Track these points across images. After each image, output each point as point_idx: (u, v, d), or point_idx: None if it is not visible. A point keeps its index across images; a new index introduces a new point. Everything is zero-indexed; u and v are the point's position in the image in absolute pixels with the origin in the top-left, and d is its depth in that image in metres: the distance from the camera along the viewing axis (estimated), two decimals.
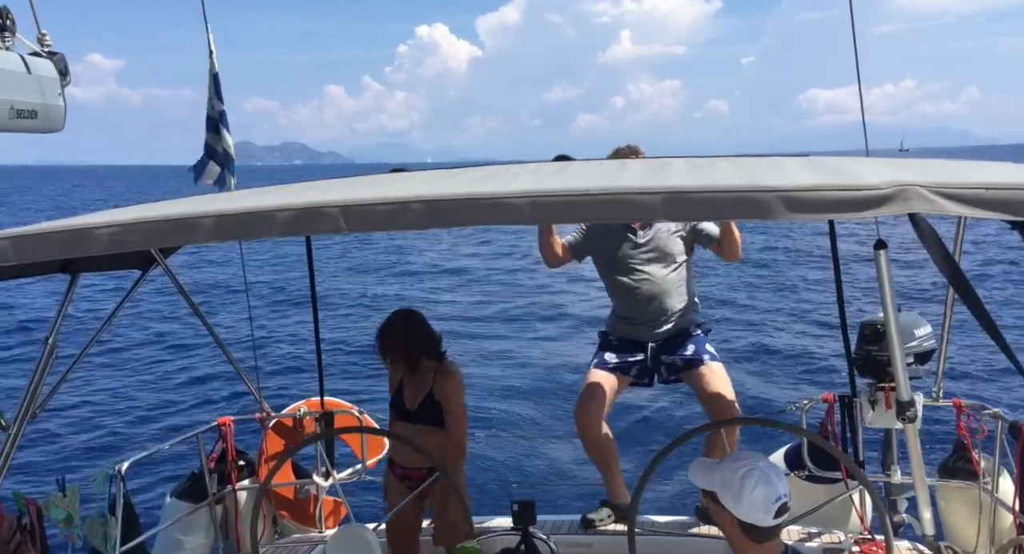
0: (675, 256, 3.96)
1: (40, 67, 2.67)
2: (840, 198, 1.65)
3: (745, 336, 14.18)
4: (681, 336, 4.02)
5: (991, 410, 3.66)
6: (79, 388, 11.28)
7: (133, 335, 15.32)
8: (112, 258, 3.01)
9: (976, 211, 1.64)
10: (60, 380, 3.08)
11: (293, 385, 10.27)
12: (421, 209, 1.82)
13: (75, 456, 8.83)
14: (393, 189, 2.01)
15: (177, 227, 1.92)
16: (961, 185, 1.66)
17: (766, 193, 1.68)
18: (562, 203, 1.79)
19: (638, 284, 3.93)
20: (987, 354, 10.94)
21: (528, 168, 2.63)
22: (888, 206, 1.62)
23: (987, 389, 9.74)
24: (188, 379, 12.20)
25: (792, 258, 25.00)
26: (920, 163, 2.39)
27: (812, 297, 17.59)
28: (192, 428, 4.31)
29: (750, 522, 2.25)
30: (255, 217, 1.88)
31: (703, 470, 2.40)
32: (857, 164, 2.31)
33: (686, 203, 1.74)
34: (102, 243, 1.94)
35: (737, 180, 1.82)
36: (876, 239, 2.58)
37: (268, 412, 4.41)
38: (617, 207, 1.77)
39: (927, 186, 1.63)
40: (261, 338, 13.69)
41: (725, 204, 1.72)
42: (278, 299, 19.59)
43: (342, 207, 1.84)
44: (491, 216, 1.81)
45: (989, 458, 3.68)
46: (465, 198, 1.82)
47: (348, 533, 3.40)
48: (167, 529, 4.04)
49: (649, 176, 2.09)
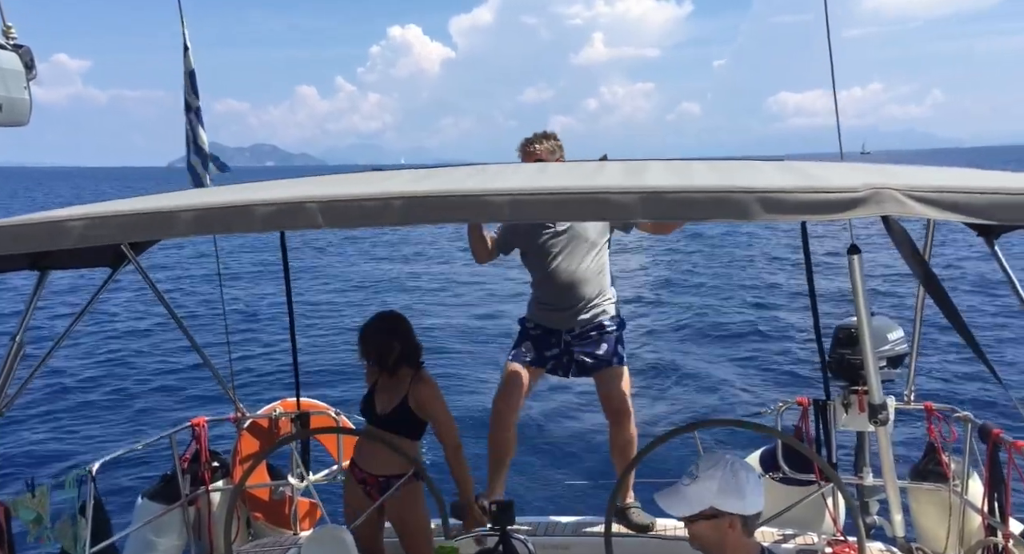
0: (593, 242, 4.04)
1: (5, 60, 2.62)
2: (815, 200, 1.68)
3: (721, 338, 14.31)
4: (596, 330, 4.09)
5: (961, 413, 3.72)
6: (48, 387, 11.12)
7: (105, 333, 15.13)
8: (82, 255, 2.96)
9: (946, 214, 1.67)
10: (28, 378, 3.03)
11: (268, 385, 10.20)
12: (401, 205, 1.81)
13: (44, 456, 8.68)
14: (374, 186, 2.00)
15: (153, 221, 1.90)
16: (932, 188, 1.69)
17: (743, 194, 1.70)
18: (541, 201, 1.80)
19: (556, 271, 4.01)
20: (958, 357, 11.12)
21: (508, 168, 2.63)
22: (862, 208, 1.65)
23: (958, 392, 9.89)
24: (161, 379, 12.04)
25: (772, 263, 25.26)
26: (891, 168, 2.42)
27: (787, 301, 17.76)
28: (165, 428, 4.26)
29: (754, 512, 2.27)
30: (233, 212, 1.86)
31: (680, 496, 2.30)
32: (830, 168, 2.34)
33: (663, 203, 1.75)
34: (75, 236, 1.91)
35: (714, 181, 1.84)
36: (850, 244, 2.62)
37: (243, 412, 4.36)
38: (596, 206, 1.78)
39: (900, 189, 1.66)
40: (238, 337, 13.59)
41: (702, 204, 1.73)
42: (255, 294, 19.49)
43: (321, 203, 1.83)
44: (471, 213, 1.82)
45: (959, 461, 3.74)
46: (446, 195, 1.82)
47: (323, 534, 3.38)
48: (139, 530, 3.99)
49: (628, 176, 2.11)
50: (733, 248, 29.19)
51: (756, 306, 17.41)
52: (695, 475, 2.30)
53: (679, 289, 20.19)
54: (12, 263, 2.60)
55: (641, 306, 17.72)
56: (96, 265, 3.28)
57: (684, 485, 2.31)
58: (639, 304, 17.91)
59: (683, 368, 12.19)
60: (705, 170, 2.24)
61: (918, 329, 3.74)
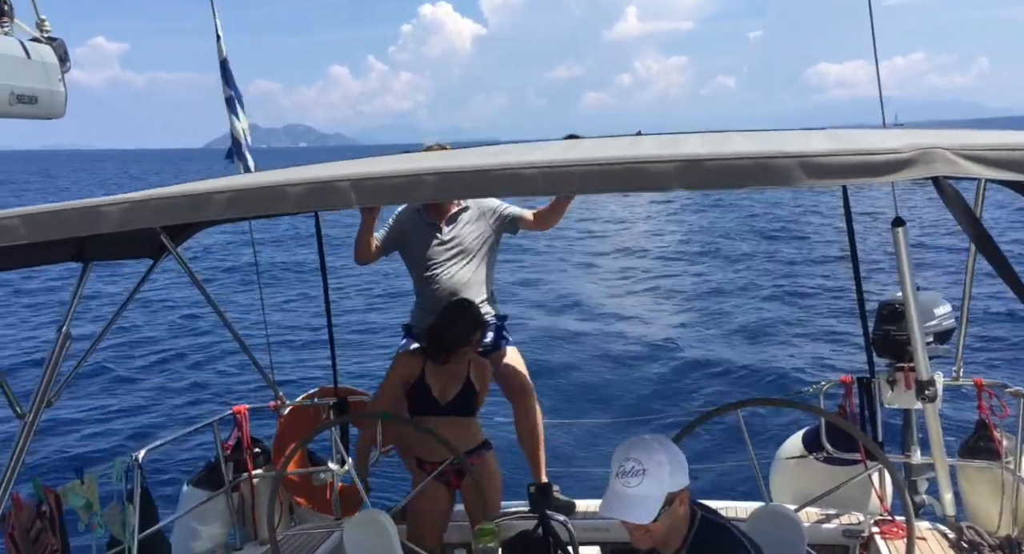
0: (477, 251, 4.09)
1: (40, 53, 2.66)
2: (860, 162, 1.59)
3: (762, 316, 14.13)
4: None
5: (1012, 388, 3.60)
6: (94, 377, 11.37)
7: (147, 323, 15.42)
8: (123, 245, 3.00)
9: (1001, 172, 1.58)
10: (75, 368, 3.08)
11: (307, 371, 10.32)
12: (434, 181, 1.79)
13: (90, 445, 8.89)
14: (406, 164, 1.98)
15: (187, 203, 1.90)
16: (985, 146, 1.61)
17: (784, 159, 1.63)
18: (575, 173, 1.76)
19: (440, 280, 4.02)
20: (1008, 332, 10.83)
21: (540, 145, 2.60)
22: (910, 169, 1.57)
23: (1008, 368, 9.64)
24: (203, 368, 12.28)
25: (812, 236, 24.84)
26: (936, 131, 2.33)
27: (829, 276, 17.46)
28: (207, 417, 4.32)
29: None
30: (266, 192, 1.86)
31: (635, 500, 2.10)
32: (873, 134, 2.26)
33: (701, 171, 1.69)
34: (112, 220, 1.92)
35: (753, 148, 1.79)
36: (895, 217, 2.53)
37: (282, 400, 4.41)
38: (630, 176, 1.73)
39: (950, 148, 1.58)
40: (276, 325, 13.77)
41: (742, 171, 1.67)
42: (290, 280, 19.69)
43: (353, 181, 1.82)
44: (504, 187, 1.79)
45: (1011, 437, 3.63)
46: (478, 169, 1.79)
47: (365, 519, 3.41)
48: (184, 517, 4.06)
49: (663, 147, 2.06)
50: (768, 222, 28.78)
51: (793, 280, 17.14)
52: (641, 469, 2.09)
53: (718, 261, 19.98)
54: (55, 253, 2.64)
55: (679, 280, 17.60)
56: (138, 256, 3.32)
57: (632, 486, 2.10)
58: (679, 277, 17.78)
59: (718, 349, 12.07)
60: (742, 139, 2.18)
61: (967, 302, 3.63)
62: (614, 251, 24.29)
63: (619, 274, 20.01)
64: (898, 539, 3.58)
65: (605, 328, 13.80)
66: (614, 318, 14.63)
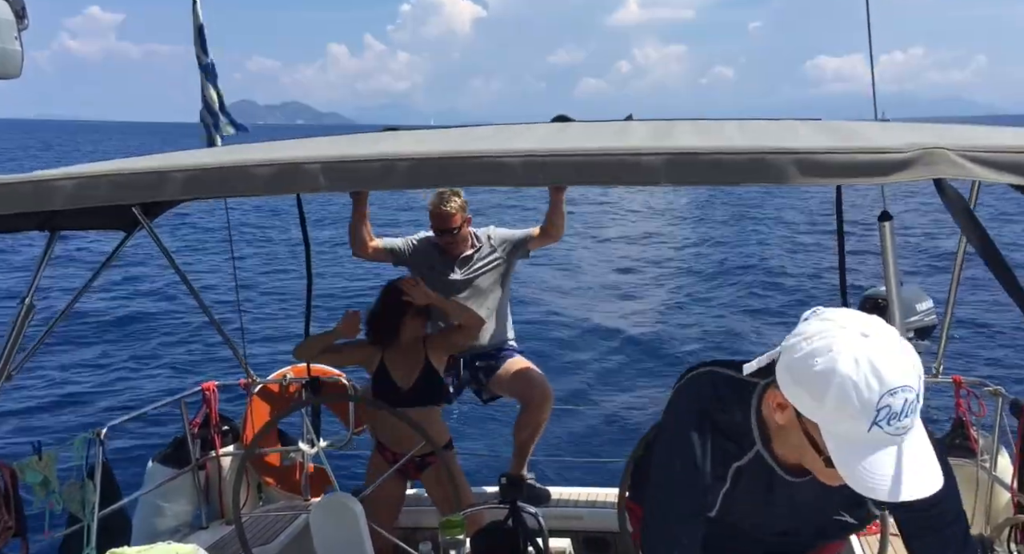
0: (490, 290, 4.03)
1: None
2: (859, 161, 1.53)
3: (741, 307, 14.14)
4: (494, 350, 4.12)
5: (992, 387, 3.58)
6: (58, 351, 11.04)
7: (116, 297, 15.03)
8: (93, 217, 2.89)
9: (1005, 176, 1.52)
10: (38, 342, 2.98)
11: (279, 351, 10.16)
12: (407, 168, 1.71)
13: (53, 421, 8.66)
14: (381, 147, 1.89)
15: (146, 181, 1.81)
16: (988, 148, 1.54)
17: (779, 155, 1.56)
18: (557, 163, 1.67)
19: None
20: (991, 331, 10.87)
21: (527, 128, 2.51)
22: (912, 170, 1.50)
23: (989, 366, 9.67)
24: (172, 343, 11.98)
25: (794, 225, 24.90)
26: (936, 127, 2.26)
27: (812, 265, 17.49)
28: (175, 393, 4.24)
29: None
30: (229, 173, 1.77)
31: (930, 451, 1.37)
32: (872, 127, 2.19)
33: (692, 166, 1.62)
34: (64, 196, 1.83)
35: (747, 142, 1.70)
36: (882, 211, 2.46)
37: (253, 378, 4.33)
38: (617, 169, 1.65)
39: (953, 149, 1.51)
40: (250, 302, 13.59)
41: (734, 167, 1.59)
42: (267, 257, 19.46)
43: (324, 164, 1.73)
44: (482, 177, 1.70)
45: (987, 436, 3.61)
46: (454, 156, 1.71)
47: (332, 502, 3.34)
48: (149, 494, 3.98)
49: (654, 137, 1.97)
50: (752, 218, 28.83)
51: (775, 272, 17.16)
52: (918, 392, 1.32)
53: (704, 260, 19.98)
54: (20, 222, 2.52)
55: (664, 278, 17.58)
56: (108, 228, 3.21)
57: (919, 428, 1.38)
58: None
59: (698, 339, 12.07)
60: (736, 131, 2.10)
61: (952, 300, 3.58)
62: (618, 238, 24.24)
63: (606, 257, 19.99)
64: (871, 535, 3.56)
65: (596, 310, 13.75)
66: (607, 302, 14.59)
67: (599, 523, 3.91)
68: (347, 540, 3.23)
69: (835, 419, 1.32)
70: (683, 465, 1.62)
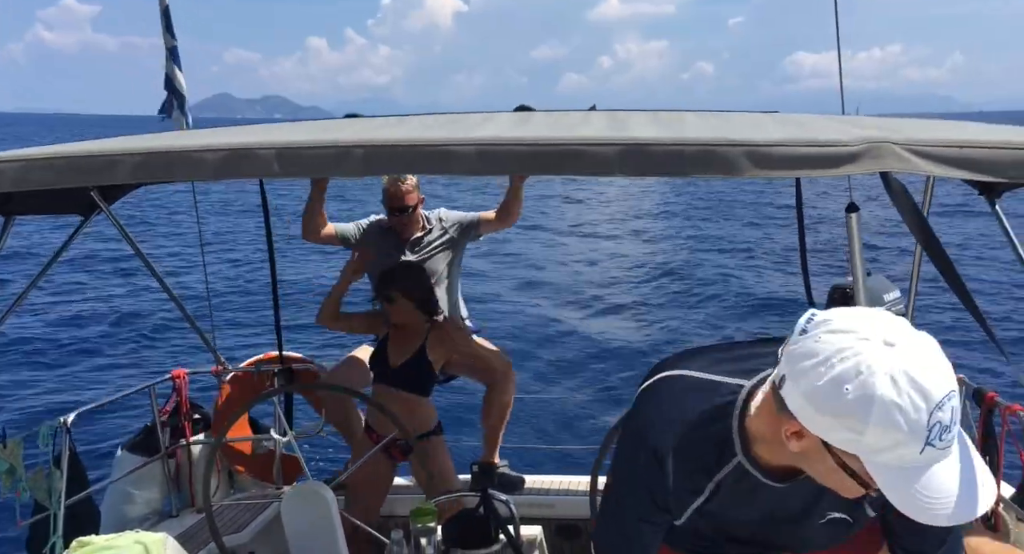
0: (443, 271, 4.05)
1: None
2: (809, 154, 1.57)
3: (708, 297, 14.23)
4: None
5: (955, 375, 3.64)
6: (21, 337, 10.85)
7: (80, 283, 14.74)
8: (49, 201, 2.83)
9: (949, 170, 1.56)
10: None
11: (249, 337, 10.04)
12: (361, 155, 1.70)
13: (18, 408, 8.50)
14: (337, 134, 1.88)
15: (97, 164, 1.78)
16: (934, 143, 1.57)
17: (732, 147, 1.58)
18: (512, 153, 1.68)
19: None
20: (954, 319, 11.06)
21: (487, 118, 2.51)
22: (859, 164, 1.54)
23: (953, 354, 9.83)
24: (140, 331, 11.77)
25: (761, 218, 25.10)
26: (891, 122, 2.30)
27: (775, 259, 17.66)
28: (144, 380, 4.19)
29: None
30: (178, 157, 1.75)
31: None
32: (828, 121, 2.22)
33: (646, 157, 1.63)
34: (11, 179, 1.80)
35: (702, 133, 1.72)
36: (849, 202, 2.50)
37: (224, 365, 4.29)
38: (570, 160, 1.66)
39: (900, 143, 1.54)
40: (220, 286, 13.40)
41: (687, 158, 1.61)
42: (231, 243, 19.18)
43: (277, 150, 1.72)
44: (436, 165, 1.70)
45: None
46: (408, 144, 1.71)
47: (304, 490, 3.33)
48: (118, 482, 3.94)
49: (610, 127, 1.98)
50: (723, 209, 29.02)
51: (745, 267, 17.30)
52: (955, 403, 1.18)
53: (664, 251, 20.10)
54: None
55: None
56: (65, 212, 3.15)
57: (960, 442, 1.24)
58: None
59: (671, 330, 12.15)
60: (695, 121, 2.12)
61: (914, 291, 3.64)
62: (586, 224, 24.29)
63: (586, 249, 20.04)
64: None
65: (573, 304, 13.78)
66: (589, 295, 14.63)
67: (571, 510, 3.93)
68: (319, 528, 3.23)
69: (880, 449, 1.13)
70: (630, 487, 1.52)
